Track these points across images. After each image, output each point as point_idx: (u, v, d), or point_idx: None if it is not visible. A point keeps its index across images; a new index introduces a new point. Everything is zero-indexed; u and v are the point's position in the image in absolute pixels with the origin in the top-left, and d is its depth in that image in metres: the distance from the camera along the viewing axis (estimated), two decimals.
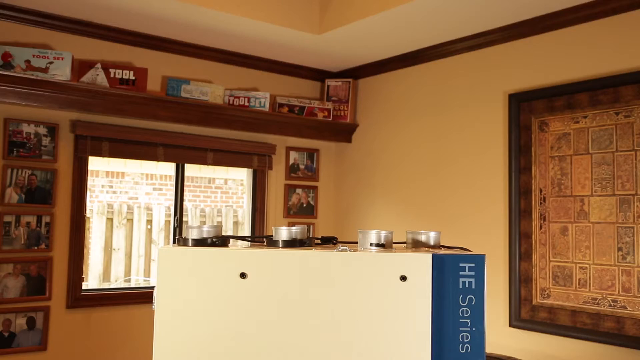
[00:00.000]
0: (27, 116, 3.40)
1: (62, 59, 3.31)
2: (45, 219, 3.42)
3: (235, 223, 5.01)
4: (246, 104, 4.05)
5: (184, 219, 4.17)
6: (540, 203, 3.19)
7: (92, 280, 4.72)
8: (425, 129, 3.97)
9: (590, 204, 2.99)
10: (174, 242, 3.01)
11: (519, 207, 3.28)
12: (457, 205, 3.70)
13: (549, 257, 3.13)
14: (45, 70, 3.28)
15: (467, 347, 1.26)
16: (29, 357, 3.37)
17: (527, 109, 3.29)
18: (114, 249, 4.98)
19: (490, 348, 3.21)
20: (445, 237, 1.54)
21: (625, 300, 2.82)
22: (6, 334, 3.29)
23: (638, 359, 2.78)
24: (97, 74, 3.48)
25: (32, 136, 3.40)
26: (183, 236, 1.35)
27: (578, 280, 3.00)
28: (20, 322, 3.34)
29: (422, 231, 1.45)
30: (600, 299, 2.91)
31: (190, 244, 1.33)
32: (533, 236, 3.20)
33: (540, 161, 3.20)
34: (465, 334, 1.26)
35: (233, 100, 4.02)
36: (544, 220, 3.17)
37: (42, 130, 3.43)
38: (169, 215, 4.71)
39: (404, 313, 1.25)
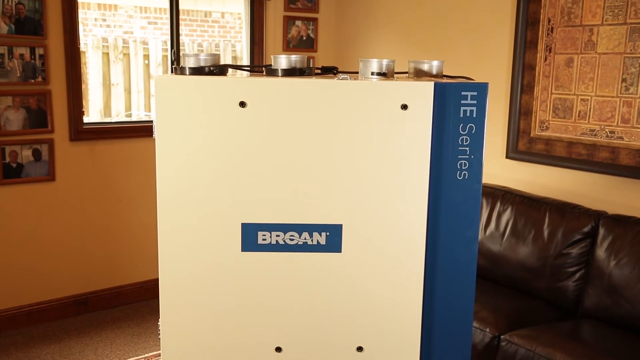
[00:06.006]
0: None
1: None
2: (39, 51, 3.34)
3: (234, 58, 4.90)
4: None
5: (181, 53, 4.07)
6: (547, 34, 3.09)
7: (93, 115, 4.74)
8: None
9: (599, 34, 2.89)
10: (172, 71, 2.96)
11: (525, 38, 3.18)
12: (461, 35, 3.59)
13: (551, 89, 3.10)
14: None
15: (464, 174, 1.28)
16: (39, 186, 3.48)
17: None
18: (113, 84, 4.94)
19: (486, 179, 3.31)
20: (449, 67, 1.50)
21: (623, 131, 2.84)
22: (14, 165, 3.37)
23: (630, 187, 2.87)
24: None
25: None
26: (180, 65, 1.32)
27: (578, 112, 3.00)
28: (27, 153, 3.40)
29: (425, 60, 1.42)
30: (597, 130, 2.93)
31: (187, 73, 1.30)
32: (537, 68, 3.15)
33: None
34: (463, 161, 1.28)
35: None
36: (550, 51, 3.09)
37: None
38: (166, 50, 4.60)
39: (404, 141, 1.26)
